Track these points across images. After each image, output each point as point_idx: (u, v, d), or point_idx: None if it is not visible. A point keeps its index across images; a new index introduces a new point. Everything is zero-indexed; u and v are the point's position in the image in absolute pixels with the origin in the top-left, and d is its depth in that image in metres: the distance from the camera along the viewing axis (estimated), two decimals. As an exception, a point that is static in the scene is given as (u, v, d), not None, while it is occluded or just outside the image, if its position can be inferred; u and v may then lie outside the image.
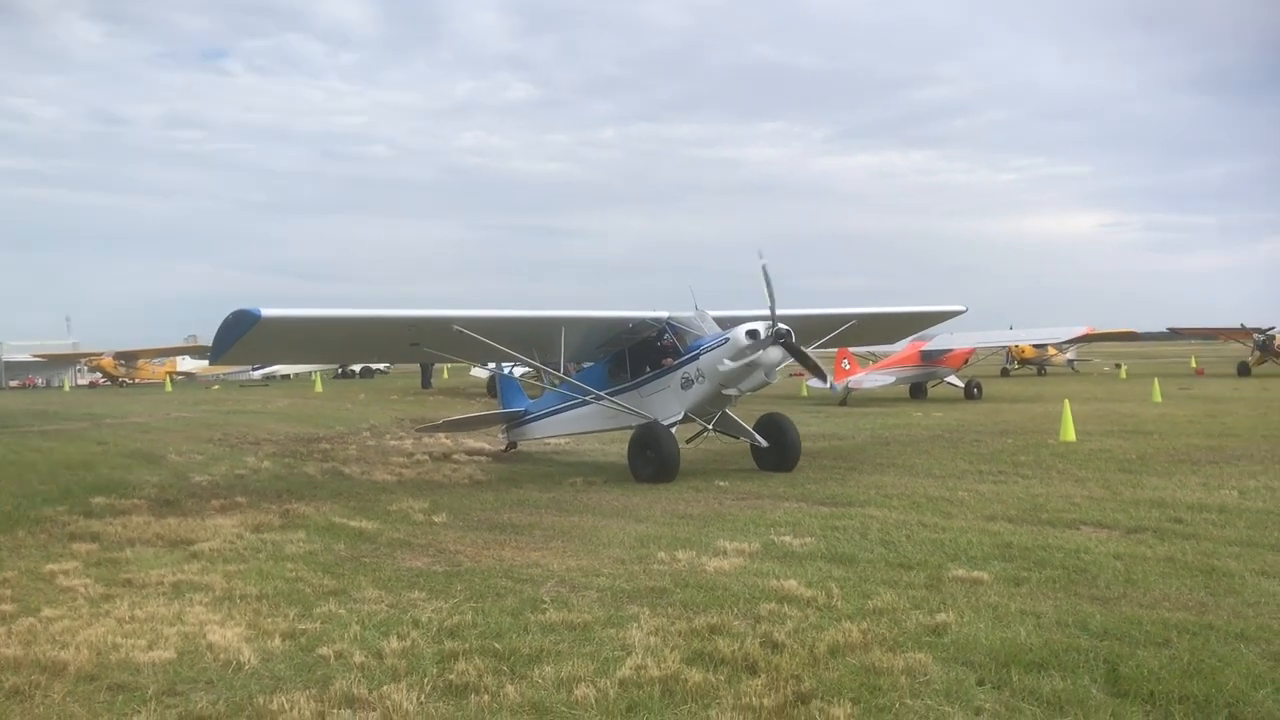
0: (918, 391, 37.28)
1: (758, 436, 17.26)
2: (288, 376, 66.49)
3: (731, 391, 16.44)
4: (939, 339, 35.12)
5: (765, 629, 7.61)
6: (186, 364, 66.95)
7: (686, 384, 16.77)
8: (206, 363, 60.28)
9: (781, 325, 15.91)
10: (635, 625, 7.82)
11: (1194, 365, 55.83)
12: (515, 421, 21.12)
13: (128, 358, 63.24)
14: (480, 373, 47.65)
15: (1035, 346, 50.03)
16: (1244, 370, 47.88)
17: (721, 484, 15.83)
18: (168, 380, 59.93)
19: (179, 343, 66.14)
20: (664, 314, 17.71)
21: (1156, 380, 37.03)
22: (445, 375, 61.61)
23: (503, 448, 21.65)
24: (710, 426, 17.50)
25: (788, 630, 7.57)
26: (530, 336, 17.68)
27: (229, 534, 12.19)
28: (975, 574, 9.22)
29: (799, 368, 17.89)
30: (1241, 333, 50.62)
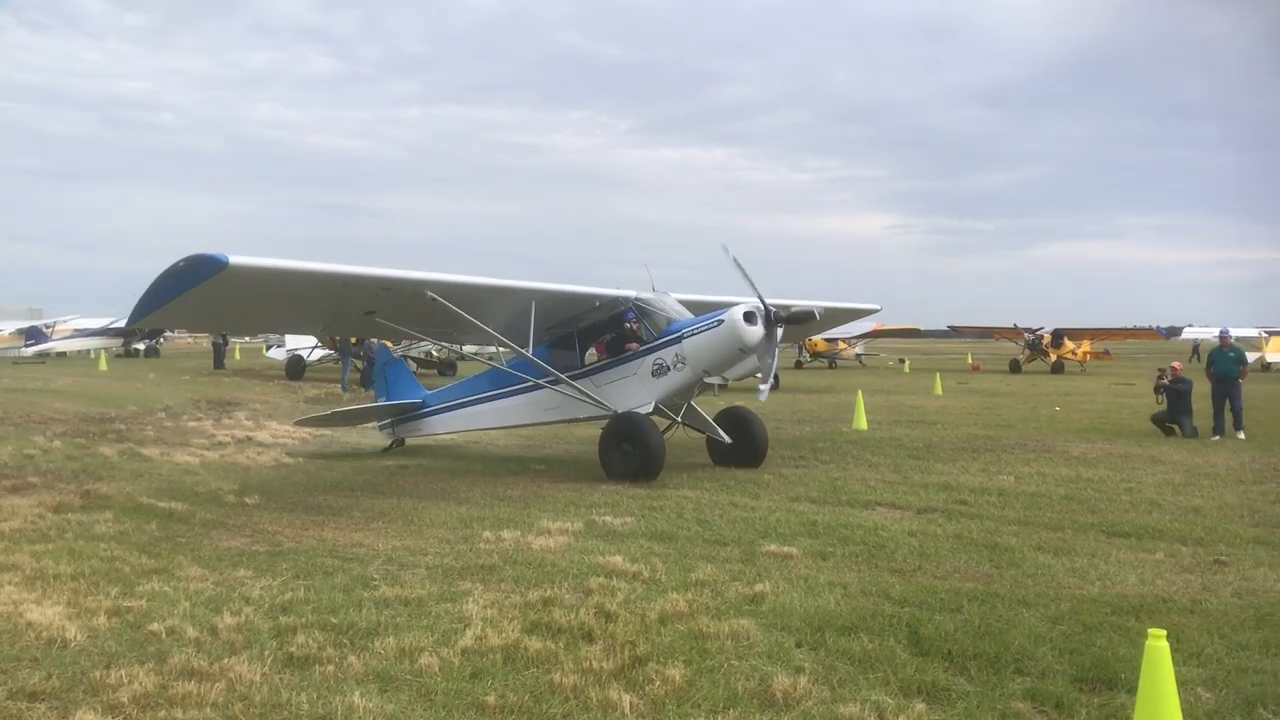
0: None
1: (721, 432, 15.87)
2: (64, 354, 62.63)
3: (715, 380, 14.96)
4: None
5: (597, 600, 7.97)
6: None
7: (660, 371, 15.04)
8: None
9: (778, 309, 14.73)
10: (470, 599, 8.03)
11: (971, 362, 59.38)
12: (407, 415, 18.68)
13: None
14: (278, 354, 46.28)
15: (827, 340, 52.28)
16: (1015, 367, 51.46)
17: (538, 467, 16.13)
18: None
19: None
20: (630, 293, 16.02)
21: (938, 375, 39.36)
22: (238, 356, 59.42)
23: (386, 444, 19.02)
24: (680, 419, 16.02)
25: (619, 601, 7.94)
26: (501, 309, 15.42)
27: (28, 514, 11.64)
28: (785, 549, 9.86)
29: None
30: (1014, 332, 54.31)
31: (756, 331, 14.28)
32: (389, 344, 24.77)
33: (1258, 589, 8.48)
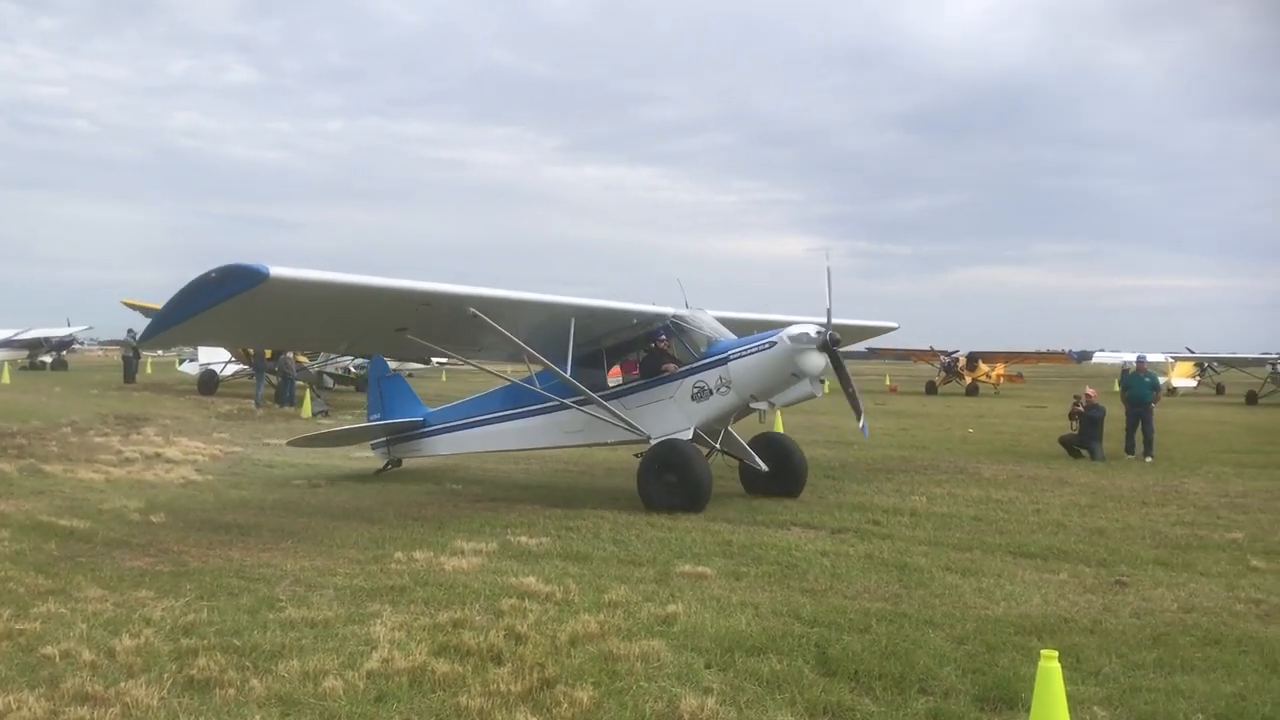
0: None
1: (758, 459, 14.82)
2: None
3: (761, 406, 14.11)
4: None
5: (508, 622, 7.91)
6: None
7: (701, 394, 13.99)
8: None
9: (834, 331, 13.84)
10: (378, 621, 7.92)
11: (888, 383, 60.27)
12: (406, 434, 17.40)
13: None
14: (191, 368, 45.29)
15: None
16: (931, 389, 52.33)
17: (455, 487, 16.01)
18: None
19: None
20: (668, 310, 15.01)
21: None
22: (149, 370, 58.03)
23: (381, 465, 17.81)
24: (719, 446, 15.02)
25: (530, 623, 7.89)
26: (540, 326, 14.26)
27: (-81, 533, 11.23)
28: (700, 569, 9.89)
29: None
30: (930, 355, 55.29)
31: (812, 355, 13.53)
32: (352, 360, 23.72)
33: (1155, 609, 8.70)
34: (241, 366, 39.48)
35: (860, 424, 14.43)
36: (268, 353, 34.00)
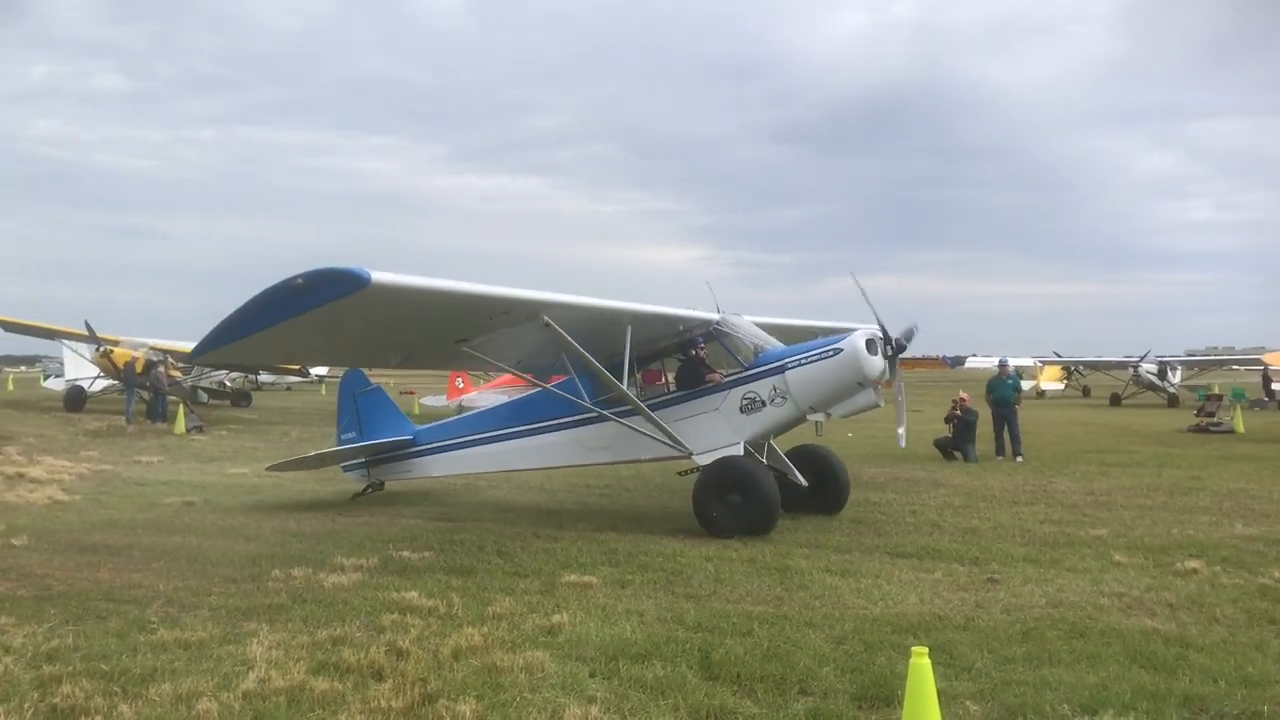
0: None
1: (798, 474, 13.79)
2: None
3: (819, 417, 13.16)
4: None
5: (389, 638, 7.78)
6: None
7: (752, 406, 13.00)
8: None
9: (899, 337, 13.17)
10: (255, 640, 7.71)
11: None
12: (392, 455, 15.94)
13: None
14: (56, 384, 43.47)
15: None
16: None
17: (335, 502, 15.71)
18: None
19: None
20: (713, 316, 13.84)
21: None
22: (10, 387, 55.56)
23: (360, 489, 16.34)
24: (765, 460, 13.89)
25: (411, 638, 7.78)
26: (602, 335, 13.00)
27: None
28: (586, 579, 9.89)
29: (410, 386, 16.61)
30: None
31: (878, 362, 12.72)
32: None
33: (1025, 605, 9.00)
34: (111, 382, 38.05)
35: (899, 432, 13.64)
36: (138, 367, 32.90)
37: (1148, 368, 48.11)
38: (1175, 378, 48.97)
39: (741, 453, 12.93)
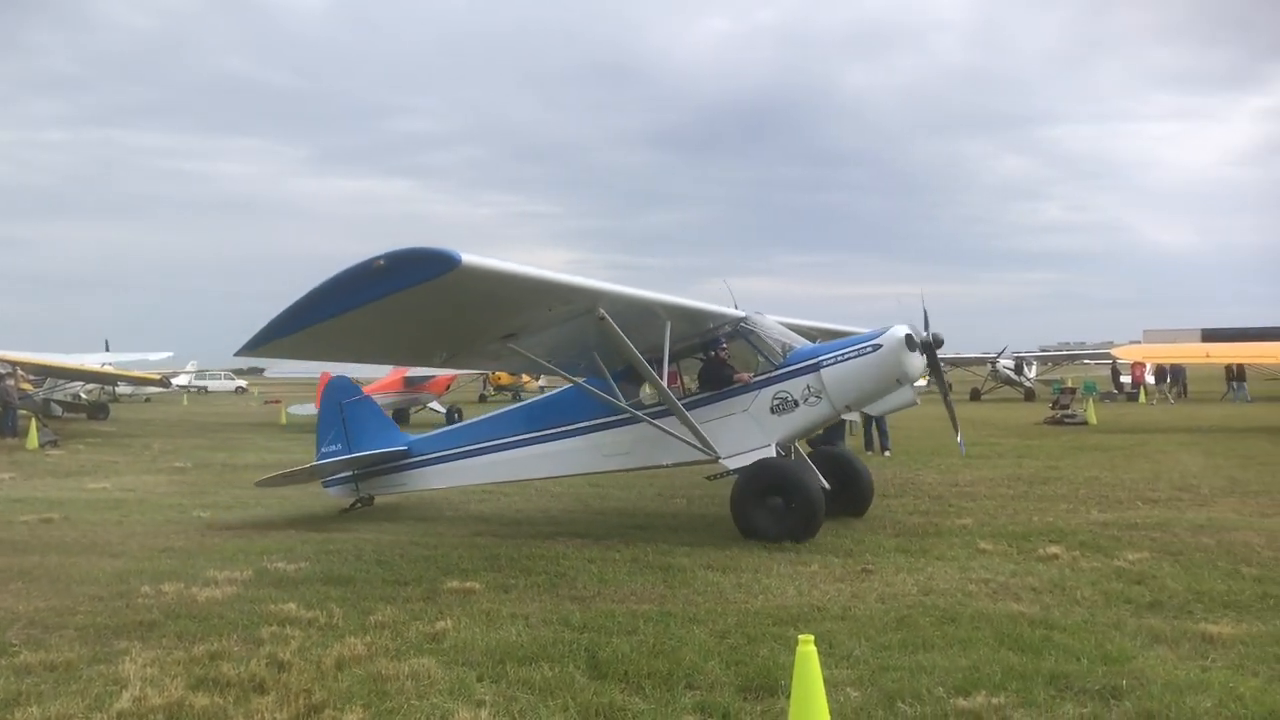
0: (401, 417, 37.80)
1: (821, 478, 13.04)
2: None
3: (852, 416, 12.64)
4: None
5: (270, 650, 7.62)
6: None
7: (784, 406, 12.51)
8: None
9: (936, 332, 12.70)
10: (127, 659, 7.46)
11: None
12: (384, 467, 15.02)
13: None
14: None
15: (511, 374, 52.66)
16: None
17: (202, 514, 15.25)
18: None
19: None
20: (740, 313, 13.36)
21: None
22: None
23: (347, 504, 15.42)
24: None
25: (292, 649, 7.64)
26: (641, 330, 12.18)
27: None
28: (468, 584, 9.84)
29: (274, 395, 15.97)
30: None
31: (918, 359, 12.41)
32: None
33: (898, 593, 9.30)
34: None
35: (958, 439, 13.45)
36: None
37: (1005, 363, 50.01)
38: (1031, 372, 51.08)
39: (773, 454, 12.52)
